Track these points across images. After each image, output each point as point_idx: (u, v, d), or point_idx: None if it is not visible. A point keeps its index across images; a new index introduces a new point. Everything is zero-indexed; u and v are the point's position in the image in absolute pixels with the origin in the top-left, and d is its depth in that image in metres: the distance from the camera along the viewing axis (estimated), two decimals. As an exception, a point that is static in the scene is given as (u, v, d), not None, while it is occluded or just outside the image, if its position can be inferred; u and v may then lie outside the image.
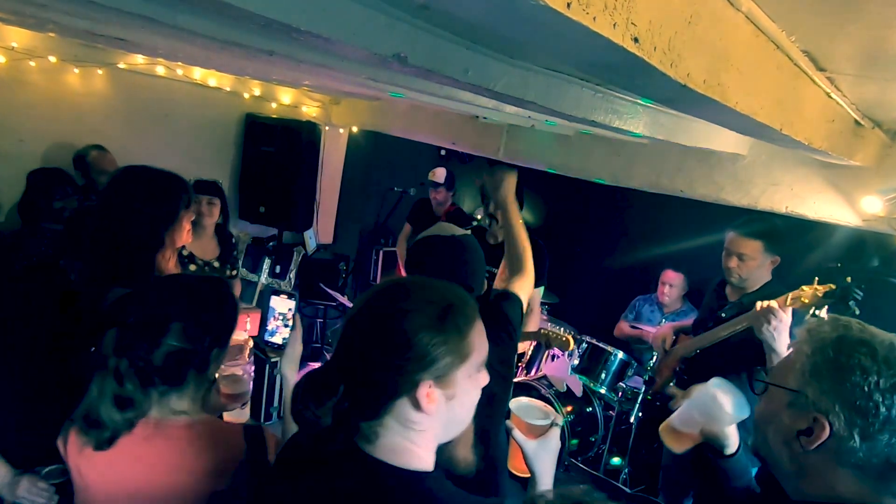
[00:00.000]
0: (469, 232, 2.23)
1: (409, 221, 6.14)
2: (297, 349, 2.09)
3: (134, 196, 2.24)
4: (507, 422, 1.73)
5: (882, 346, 1.22)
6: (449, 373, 1.21)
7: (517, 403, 1.81)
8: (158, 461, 1.58)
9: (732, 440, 1.70)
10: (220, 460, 1.60)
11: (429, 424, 1.24)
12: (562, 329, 4.60)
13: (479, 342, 1.28)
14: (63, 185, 4.01)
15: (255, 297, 5.61)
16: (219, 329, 1.70)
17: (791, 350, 1.40)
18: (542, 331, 3.88)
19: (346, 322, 1.29)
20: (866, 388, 1.18)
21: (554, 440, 1.66)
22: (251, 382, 2.19)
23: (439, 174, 5.78)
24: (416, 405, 1.19)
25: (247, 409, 2.10)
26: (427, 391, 1.19)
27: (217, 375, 1.96)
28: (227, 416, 2.26)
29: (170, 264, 2.33)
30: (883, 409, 1.17)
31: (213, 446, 1.60)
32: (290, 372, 2.03)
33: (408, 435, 1.22)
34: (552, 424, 1.70)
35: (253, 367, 2.15)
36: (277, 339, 2.15)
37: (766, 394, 1.39)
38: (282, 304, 2.32)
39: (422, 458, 1.25)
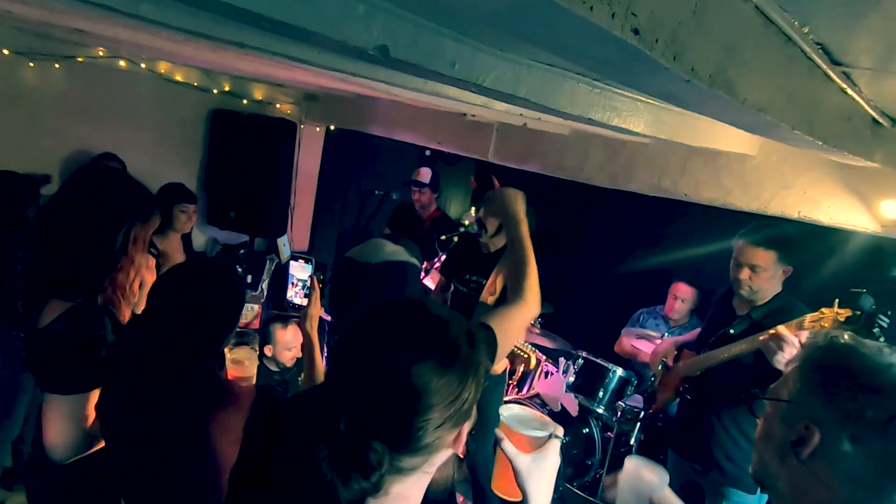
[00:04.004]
0: (413, 260, 2.02)
1: (390, 227, 6.08)
2: (316, 309, 2.51)
3: (100, 200, 2.08)
4: (497, 431, 1.52)
5: (870, 350, 1.28)
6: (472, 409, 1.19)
7: (508, 412, 1.59)
8: (173, 411, 1.88)
9: None
10: (226, 411, 1.88)
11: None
12: (528, 346, 4.57)
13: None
14: (31, 192, 3.96)
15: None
16: (230, 312, 2.00)
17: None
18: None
19: (344, 359, 1.16)
20: (853, 391, 1.23)
21: (552, 456, 1.47)
22: (255, 368, 2.64)
23: (424, 174, 5.74)
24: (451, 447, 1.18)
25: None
26: (465, 436, 1.18)
27: (227, 359, 2.51)
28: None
29: (134, 286, 2.17)
30: (870, 412, 1.20)
31: (223, 401, 1.90)
32: (311, 329, 2.46)
33: (419, 479, 1.17)
34: (551, 437, 1.50)
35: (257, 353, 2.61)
36: (297, 301, 2.44)
37: (764, 413, 1.46)
38: (301, 271, 2.55)
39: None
